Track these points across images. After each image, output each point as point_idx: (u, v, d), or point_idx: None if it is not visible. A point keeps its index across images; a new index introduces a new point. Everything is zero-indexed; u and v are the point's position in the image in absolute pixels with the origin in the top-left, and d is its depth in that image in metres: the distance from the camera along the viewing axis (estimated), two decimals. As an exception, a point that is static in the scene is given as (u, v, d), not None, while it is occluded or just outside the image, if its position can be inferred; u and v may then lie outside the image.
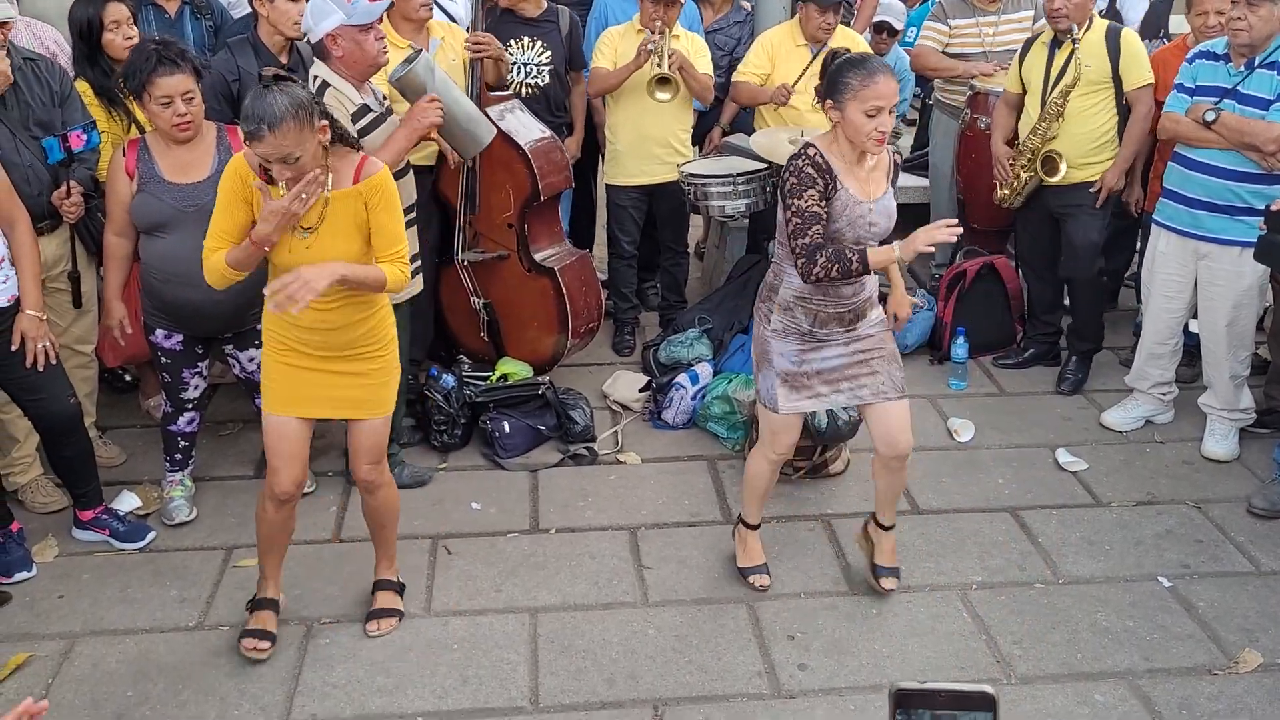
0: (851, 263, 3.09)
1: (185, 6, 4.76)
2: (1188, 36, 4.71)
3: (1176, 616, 3.51)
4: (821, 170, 3.09)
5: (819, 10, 4.85)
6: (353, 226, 2.97)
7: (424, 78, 3.83)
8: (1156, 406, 4.62)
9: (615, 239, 5.22)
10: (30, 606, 3.53)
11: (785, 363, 3.31)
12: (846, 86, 3.02)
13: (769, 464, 3.50)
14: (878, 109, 3.00)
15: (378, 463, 3.29)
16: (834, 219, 3.13)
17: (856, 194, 3.13)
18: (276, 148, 2.76)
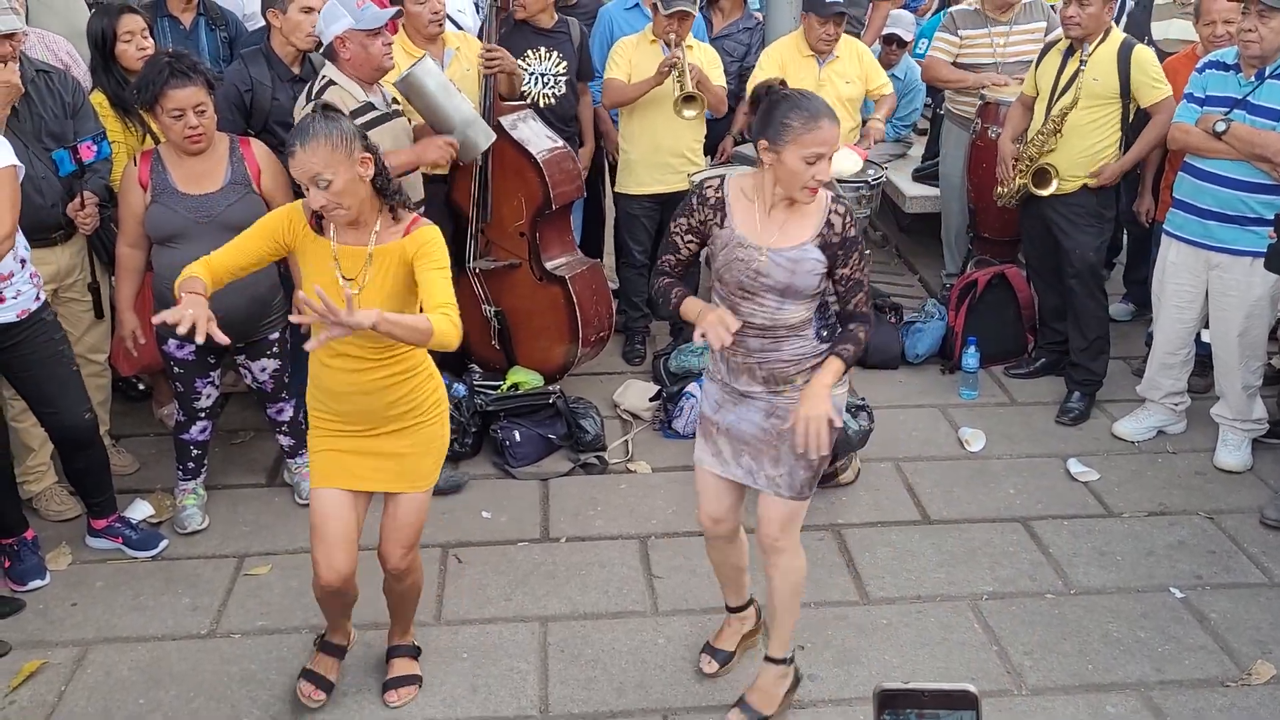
0: (670, 302, 2.92)
1: (200, 18, 4.81)
2: (1196, 46, 4.70)
3: (1189, 628, 3.50)
4: (705, 203, 2.83)
5: (819, 21, 4.86)
6: (398, 283, 2.78)
7: (424, 80, 3.87)
8: (1169, 417, 4.61)
9: (627, 248, 5.23)
10: (44, 614, 3.55)
11: (707, 405, 3.03)
12: (787, 129, 2.65)
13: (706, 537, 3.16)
14: (817, 156, 2.65)
15: (412, 546, 3.02)
16: (714, 256, 2.85)
17: (747, 236, 2.77)
18: (305, 165, 2.65)
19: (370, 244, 2.78)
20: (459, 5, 5.40)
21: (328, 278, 2.77)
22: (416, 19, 4.35)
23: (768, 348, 2.84)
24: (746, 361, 2.87)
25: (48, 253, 3.75)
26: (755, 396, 2.91)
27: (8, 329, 3.42)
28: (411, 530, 3.01)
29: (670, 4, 4.68)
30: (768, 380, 2.88)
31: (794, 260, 2.76)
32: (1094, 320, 4.76)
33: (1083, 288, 4.72)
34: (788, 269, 2.76)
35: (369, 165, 2.74)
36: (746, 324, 2.81)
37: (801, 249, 2.76)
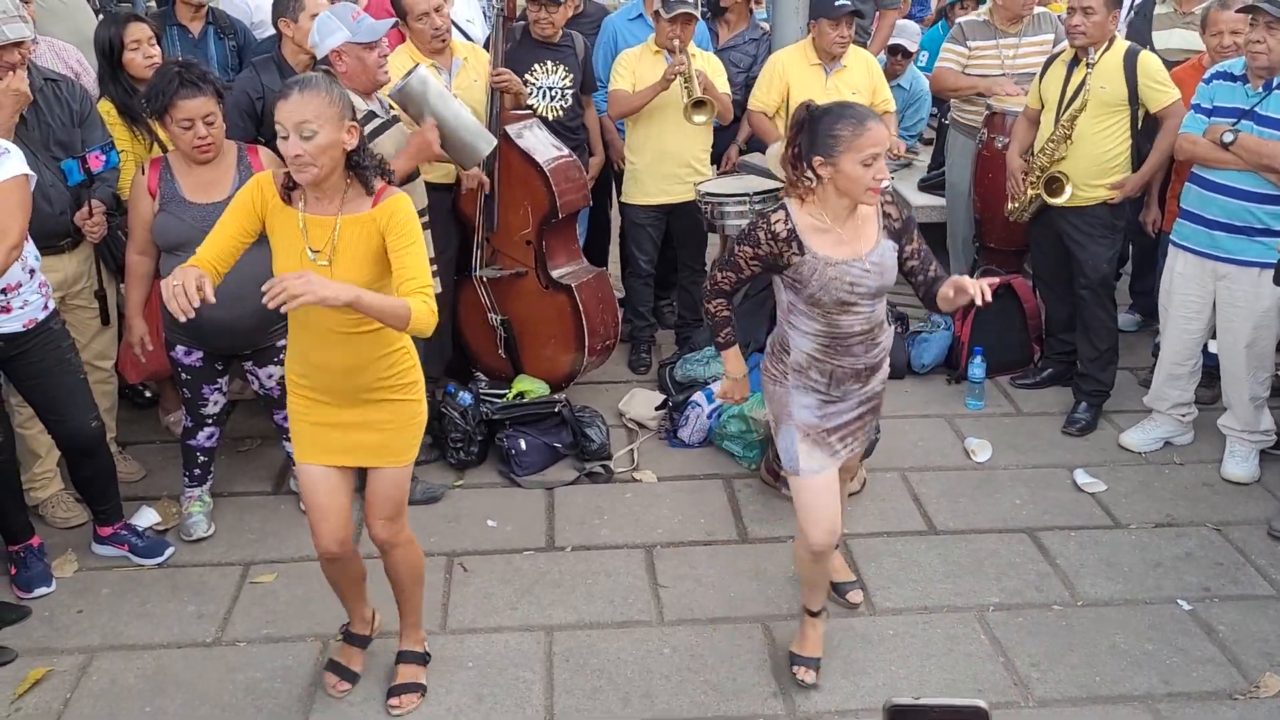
0: (719, 335, 3.24)
1: (209, 27, 4.84)
2: (1203, 56, 4.70)
3: (1196, 640, 3.48)
4: (776, 239, 2.93)
5: (831, 24, 4.85)
6: (368, 254, 2.78)
7: (419, 90, 3.88)
8: (1176, 427, 4.60)
9: (632, 257, 5.24)
10: (50, 621, 3.55)
11: (807, 415, 3.09)
12: (838, 139, 2.81)
13: (808, 555, 3.15)
14: (874, 156, 2.81)
15: (394, 518, 3.06)
16: (805, 284, 2.95)
17: (830, 254, 2.92)
18: (296, 110, 2.63)
19: (338, 214, 2.77)
20: (468, 15, 5.42)
21: (295, 249, 2.78)
22: (420, 35, 4.37)
23: (869, 348, 3.08)
24: (854, 366, 3.07)
25: (55, 260, 3.77)
26: (850, 394, 3.13)
27: (15, 338, 3.43)
28: (391, 503, 3.04)
29: (672, 7, 4.69)
30: (868, 375, 3.12)
31: (879, 261, 2.99)
32: (1105, 331, 4.75)
33: (1094, 298, 4.72)
34: (877, 272, 2.98)
35: (354, 135, 2.74)
36: (847, 336, 3.02)
37: (880, 249, 2.99)
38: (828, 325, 3.00)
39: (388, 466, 3.00)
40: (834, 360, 3.04)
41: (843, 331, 3.00)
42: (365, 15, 3.74)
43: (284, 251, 2.81)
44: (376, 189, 2.81)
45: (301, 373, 2.96)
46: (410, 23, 4.35)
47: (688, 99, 4.74)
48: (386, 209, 2.78)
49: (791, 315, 3.05)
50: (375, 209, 2.78)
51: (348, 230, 2.77)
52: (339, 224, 2.77)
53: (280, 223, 2.82)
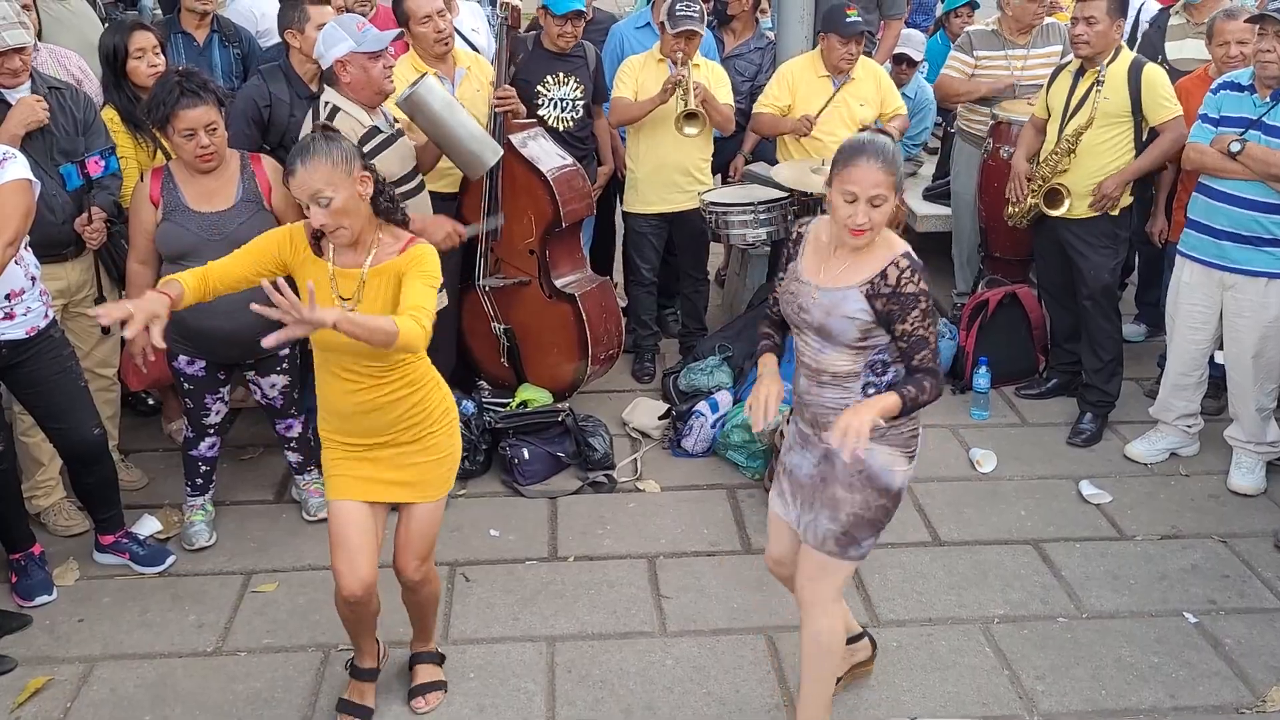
0: (757, 348, 3.01)
1: (214, 35, 4.85)
2: (1209, 66, 4.69)
3: (1202, 653, 3.46)
4: (790, 241, 2.92)
5: (840, 41, 4.86)
6: (390, 300, 2.79)
7: (427, 99, 3.88)
8: (1181, 438, 4.57)
9: (635, 266, 5.23)
10: (50, 630, 3.54)
11: (785, 442, 3.03)
12: (834, 166, 2.68)
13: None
14: (852, 196, 2.61)
15: (427, 558, 3.04)
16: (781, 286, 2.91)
17: (804, 272, 2.80)
18: (306, 183, 2.68)
19: (365, 265, 2.80)
20: (473, 25, 5.42)
21: (324, 298, 2.77)
22: (422, 40, 4.37)
23: (812, 389, 2.81)
24: (804, 398, 2.85)
25: (58, 268, 3.77)
26: (811, 440, 2.86)
27: (17, 346, 3.43)
28: (425, 541, 3.03)
29: (678, 24, 4.69)
30: (812, 424, 2.84)
31: (832, 302, 2.71)
32: (1109, 341, 4.73)
33: (1097, 309, 4.70)
34: (824, 309, 2.72)
35: (368, 184, 2.76)
36: (800, 358, 2.83)
37: (844, 292, 2.70)
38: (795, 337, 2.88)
39: (423, 502, 2.99)
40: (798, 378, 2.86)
41: (800, 351, 2.83)
42: (370, 25, 3.74)
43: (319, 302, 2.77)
44: (405, 240, 2.83)
45: (331, 424, 2.96)
46: (413, 27, 4.36)
47: (681, 108, 4.73)
48: (410, 256, 2.81)
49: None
50: (401, 257, 2.81)
51: (374, 281, 2.80)
52: (365, 276, 2.80)
53: (310, 273, 2.82)
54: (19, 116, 3.61)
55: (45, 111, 3.67)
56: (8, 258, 3.20)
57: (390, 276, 2.80)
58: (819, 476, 2.84)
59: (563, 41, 4.85)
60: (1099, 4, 4.37)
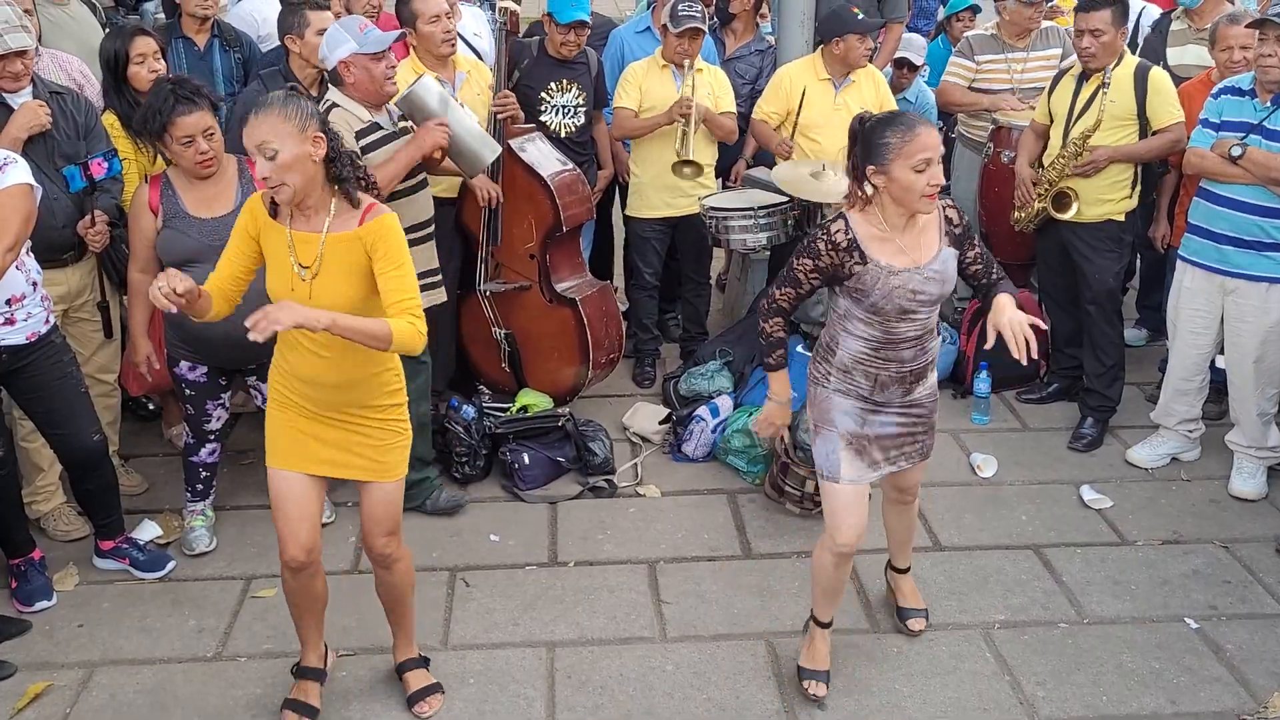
0: (768, 359, 3.16)
1: (214, 39, 4.85)
2: (1212, 71, 4.69)
3: (1204, 659, 3.45)
4: (837, 249, 2.94)
5: (859, 38, 4.86)
6: (354, 271, 2.78)
7: (425, 97, 3.88)
8: (1183, 443, 4.57)
9: (637, 270, 5.23)
10: (50, 635, 3.54)
11: (850, 422, 3.10)
12: (888, 147, 2.83)
13: (833, 558, 3.16)
14: (926, 162, 2.80)
15: (393, 533, 3.06)
16: (867, 293, 2.95)
17: (894, 263, 2.93)
18: (253, 132, 2.66)
19: (323, 231, 2.78)
20: (475, 29, 5.43)
21: (284, 265, 2.80)
22: (429, 39, 4.37)
23: (918, 354, 3.08)
24: (900, 371, 3.07)
25: (59, 273, 3.77)
26: (891, 404, 3.12)
27: (18, 351, 3.43)
28: (391, 518, 3.04)
29: (680, 23, 4.69)
30: (913, 382, 3.11)
31: (940, 269, 2.99)
32: (1111, 346, 4.73)
33: (1100, 313, 4.69)
34: (939, 279, 2.99)
35: (320, 145, 2.73)
36: (900, 341, 3.03)
37: (942, 256, 2.99)
38: (884, 331, 3.02)
39: (383, 481, 3.00)
40: (881, 363, 3.05)
41: (897, 337, 3.02)
42: (372, 27, 3.75)
43: (275, 268, 2.83)
44: (363, 205, 2.82)
45: (287, 385, 2.94)
46: (420, 27, 4.35)
47: (679, 154, 4.75)
48: (374, 230, 2.78)
49: (846, 321, 3.06)
50: (361, 228, 2.79)
51: (333, 248, 2.78)
52: (324, 241, 2.78)
53: (271, 240, 2.84)
54: (21, 121, 3.62)
55: (47, 116, 3.67)
56: (7, 263, 3.20)
57: (351, 246, 2.78)
58: (908, 419, 3.16)
59: (566, 50, 4.86)
60: (1103, 15, 4.38)
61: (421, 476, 4.10)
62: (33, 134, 3.63)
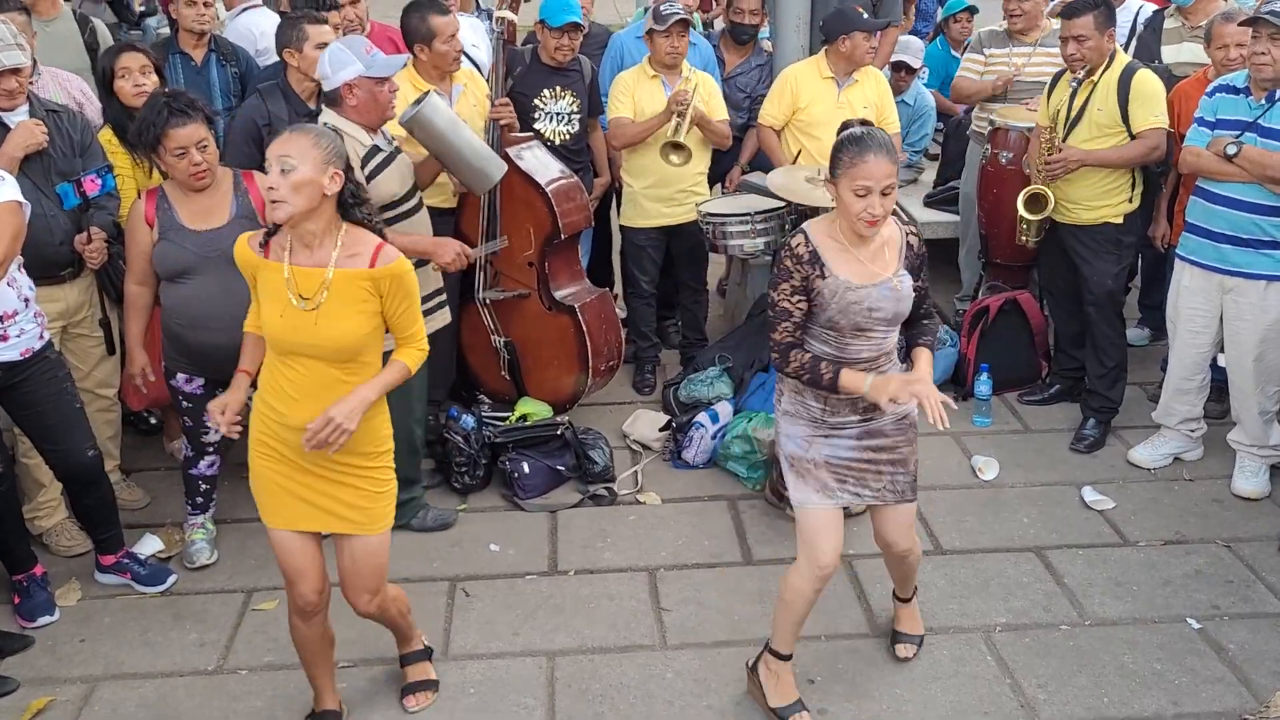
0: (822, 378, 2.94)
1: (211, 54, 4.87)
2: (1208, 69, 4.67)
3: (1206, 659, 3.44)
4: (801, 261, 2.92)
5: (865, 36, 4.89)
6: (359, 308, 2.79)
7: (433, 118, 3.89)
8: (1185, 443, 4.55)
9: (634, 279, 5.24)
10: (52, 650, 3.55)
11: (791, 445, 3.10)
12: (839, 162, 2.86)
13: (809, 585, 3.09)
14: (866, 189, 2.80)
15: (376, 592, 3.00)
16: (824, 307, 2.93)
17: (851, 279, 2.92)
18: (281, 145, 2.70)
19: (330, 265, 2.78)
20: (473, 40, 5.44)
21: (280, 299, 2.78)
22: (444, 57, 4.36)
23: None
24: (852, 397, 2.98)
25: (56, 290, 3.79)
26: (847, 426, 3.06)
27: (12, 367, 3.44)
28: (375, 575, 2.99)
29: (664, 19, 4.72)
30: (867, 408, 3.02)
31: (896, 288, 2.96)
32: (1112, 347, 4.71)
33: (1101, 315, 4.68)
34: (894, 298, 2.95)
35: (337, 181, 2.76)
36: (854, 360, 2.97)
37: (899, 276, 2.98)
38: (837, 349, 2.98)
39: (367, 535, 2.95)
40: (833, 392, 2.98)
41: (850, 357, 2.97)
42: (377, 50, 3.72)
43: (270, 303, 2.81)
44: (371, 248, 2.81)
45: (269, 432, 2.89)
46: (436, 45, 4.34)
47: (670, 136, 4.74)
48: (390, 275, 2.80)
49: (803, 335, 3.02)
50: (376, 269, 2.79)
51: (341, 284, 2.78)
52: (331, 276, 2.77)
53: (265, 277, 2.83)
54: (18, 140, 3.64)
55: (44, 135, 3.69)
56: None
57: (362, 285, 2.78)
58: (869, 449, 3.08)
59: (560, 55, 4.87)
60: (1085, 20, 4.37)
61: (409, 496, 4.09)
62: (29, 153, 3.65)
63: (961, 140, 6.11)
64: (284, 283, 2.78)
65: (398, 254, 2.85)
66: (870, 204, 2.81)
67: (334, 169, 2.75)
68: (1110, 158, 4.48)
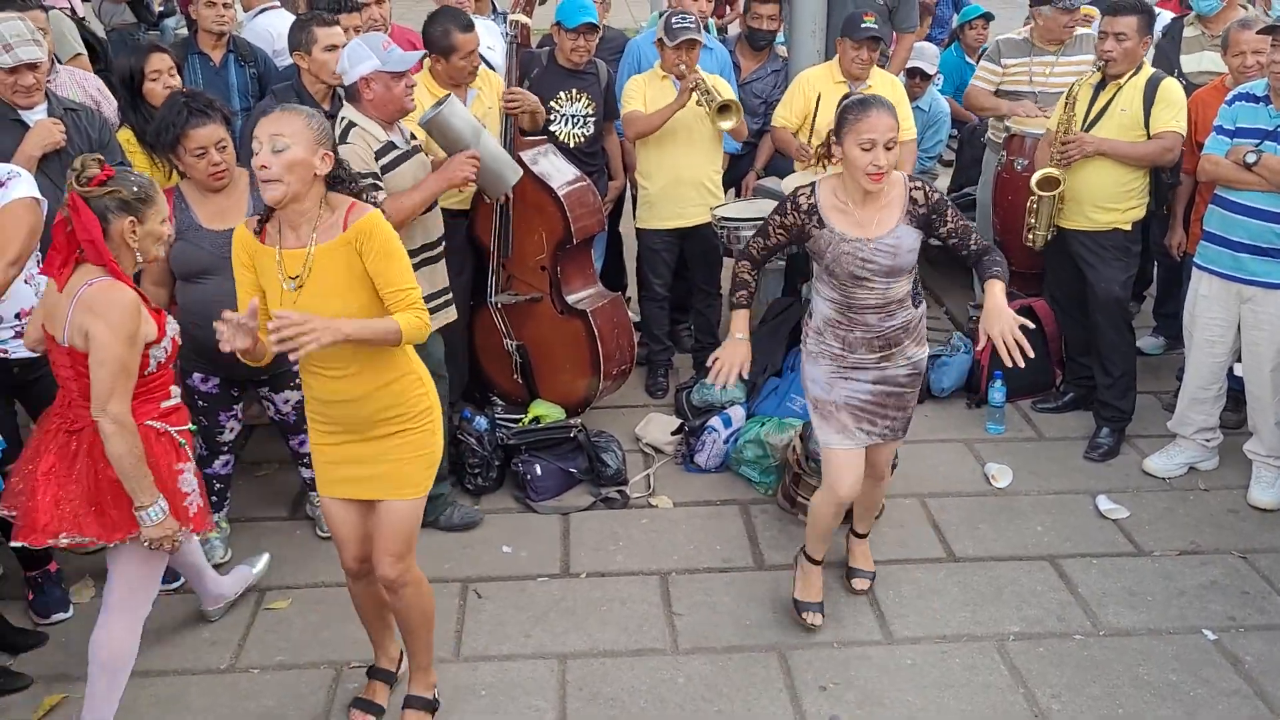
0: (733, 296, 3.44)
1: (230, 55, 4.89)
2: (1226, 78, 4.66)
3: (1221, 671, 3.41)
4: (799, 210, 3.27)
5: (853, 45, 4.88)
6: (348, 279, 2.77)
7: (453, 121, 3.89)
8: (1200, 452, 4.52)
9: (647, 282, 5.23)
10: (65, 647, 3.56)
11: (816, 388, 3.43)
12: (844, 122, 3.14)
13: (832, 508, 3.50)
14: (871, 142, 3.07)
15: (403, 555, 2.98)
16: (820, 255, 3.27)
17: (847, 231, 3.21)
18: (271, 124, 2.69)
19: (310, 245, 2.77)
20: (489, 43, 5.45)
21: (274, 284, 2.81)
22: (460, 71, 4.36)
23: (884, 320, 3.31)
24: (865, 335, 3.32)
25: (73, 287, 3.79)
26: (865, 367, 3.36)
27: (29, 364, 3.45)
28: (399, 539, 2.98)
29: (676, 36, 4.71)
30: (883, 348, 3.33)
31: (893, 245, 3.21)
32: (1119, 356, 4.69)
33: (1108, 322, 4.66)
34: (889, 253, 3.21)
35: (327, 162, 2.77)
36: (862, 306, 3.28)
37: (895, 233, 3.20)
38: (843, 295, 3.29)
39: (396, 499, 2.96)
40: (848, 326, 3.32)
41: (857, 302, 3.28)
42: (395, 45, 3.75)
43: (270, 289, 2.84)
44: (343, 211, 2.80)
45: (314, 408, 2.99)
46: (454, 60, 4.34)
47: (710, 108, 4.73)
48: (359, 231, 2.76)
49: (817, 281, 3.38)
50: (346, 232, 2.77)
51: (322, 259, 2.77)
52: (312, 254, 2.77)
53: (262, 264, 2.84)
54: (36, 139, 3.65)
55: (62, 134, 3.71)
56: (10, 277, 3.22)
57: (340, 252, 2.76)
58: (881, 391, 3.39)
59: (575, 56, 4.87)
60: (1129, 20, 4.35)
61: (437, 492, 4.12)
62: (47, 151, 3.67)
63: (976, 147, 6.11)
64: (276, 266, 2.80)
65: (368, 209, 2.82)
66: (875, 156, 3.07)
67: (324, 150, 2.76)
68: (1124, 150, 4.46)
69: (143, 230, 2.95)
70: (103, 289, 2.84)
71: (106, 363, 2.82)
